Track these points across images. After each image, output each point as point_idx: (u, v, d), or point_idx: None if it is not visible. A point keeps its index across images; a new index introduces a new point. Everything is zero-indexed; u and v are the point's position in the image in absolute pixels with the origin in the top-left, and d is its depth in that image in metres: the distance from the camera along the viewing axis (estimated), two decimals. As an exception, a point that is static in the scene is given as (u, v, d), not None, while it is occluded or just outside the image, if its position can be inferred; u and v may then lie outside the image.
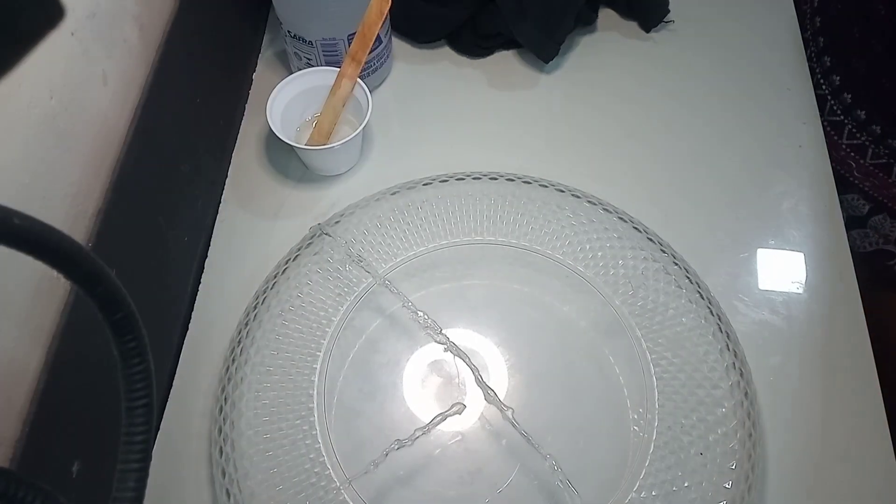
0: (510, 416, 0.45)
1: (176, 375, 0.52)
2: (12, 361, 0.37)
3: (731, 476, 0.46)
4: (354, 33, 0.57)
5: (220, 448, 0.47)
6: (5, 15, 0.19)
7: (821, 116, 0.64)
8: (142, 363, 0.26)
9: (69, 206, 0.42)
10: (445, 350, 0.49)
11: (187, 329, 0.54)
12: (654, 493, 0.46)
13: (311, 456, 0.47)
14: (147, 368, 0.26)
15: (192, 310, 0.55)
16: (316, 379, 0.50)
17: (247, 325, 0.52)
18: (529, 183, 0.58)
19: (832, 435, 0.49)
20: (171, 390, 0.52)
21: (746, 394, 0.48)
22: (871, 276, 0.61)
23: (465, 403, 0.47)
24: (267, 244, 0.57)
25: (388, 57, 0.65)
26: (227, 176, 0.62)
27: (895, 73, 0.60)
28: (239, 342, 0.51)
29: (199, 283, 0.56)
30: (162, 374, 0.51)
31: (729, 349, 0.50)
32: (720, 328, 0.51)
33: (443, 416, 0.46)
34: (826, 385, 0.50)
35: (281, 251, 0.56)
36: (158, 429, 0.50)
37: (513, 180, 0.58)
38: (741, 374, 0.49)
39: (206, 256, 0.57)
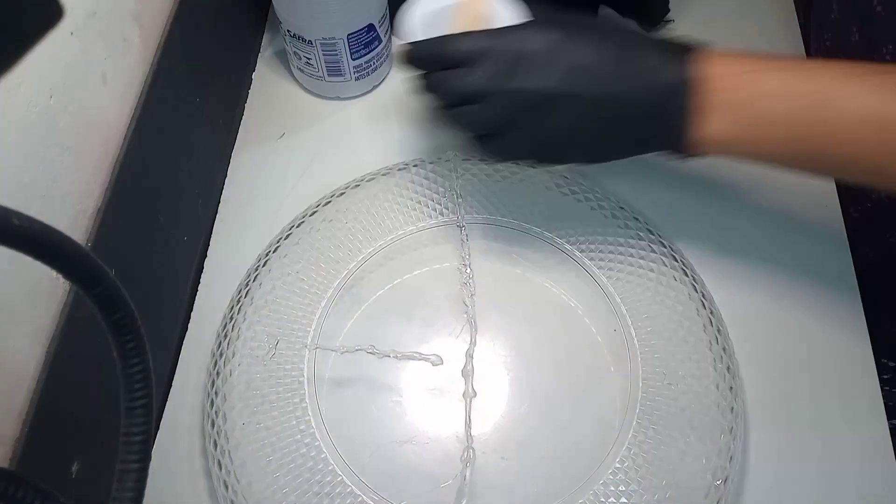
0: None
1: (175, 375, 0.52)
2: (12, 361, 0.37)
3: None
4: (354, 33, 0.58)
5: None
6: (5, 15, 0.19)
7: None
8: (141, 363, 0.26)
9: (69, 206, 0.42)
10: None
11: (187, 329, 0.54)
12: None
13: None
14: (146, 368, 0.26)
15: (192, 309, 0.55)
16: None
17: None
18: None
19: (832, 435, 0.49)
20: (171, 390, 0.52)
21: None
22: None
23: (443, 358, 0.48)
24: (266, 244, 0.57)
25: (388, 56, 0.65)
26: (226, 176, 0.62)
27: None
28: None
29: (199, 282, 0.56)
30: (161, 373, 0.51)
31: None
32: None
33: (421, 356, 0.48)
34: (826, 385, 0.50)
35: (280, 251, 0.56)
36: (158, 428, 0.50)
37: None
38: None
39: (206, 256, 0.58)
